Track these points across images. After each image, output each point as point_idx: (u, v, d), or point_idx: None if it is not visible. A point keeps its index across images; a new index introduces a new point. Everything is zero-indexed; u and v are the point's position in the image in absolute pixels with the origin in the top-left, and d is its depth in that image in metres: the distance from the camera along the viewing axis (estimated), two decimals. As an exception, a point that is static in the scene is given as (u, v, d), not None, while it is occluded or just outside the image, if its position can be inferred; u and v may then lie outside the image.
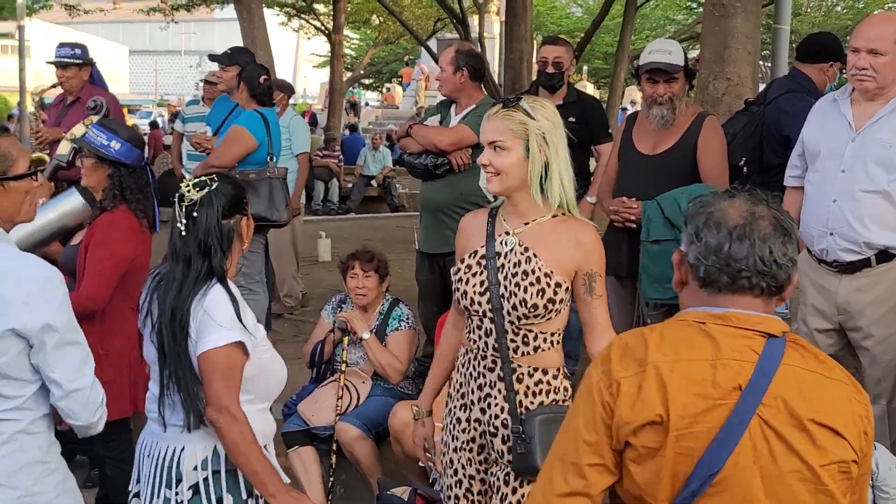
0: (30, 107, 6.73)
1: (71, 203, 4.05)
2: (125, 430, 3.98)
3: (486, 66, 5.01)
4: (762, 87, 6.47)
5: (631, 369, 1.79)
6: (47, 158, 5.68)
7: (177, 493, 2.63)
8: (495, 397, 2.74)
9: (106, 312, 3.79)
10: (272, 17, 19.00)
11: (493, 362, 2.74)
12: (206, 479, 2.62)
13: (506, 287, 2.68)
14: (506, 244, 2.73)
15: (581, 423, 1.82)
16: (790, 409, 1.72)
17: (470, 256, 2.78)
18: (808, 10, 27.43)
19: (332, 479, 4.32)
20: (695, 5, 25.10)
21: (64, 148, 4.88)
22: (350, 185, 16.87)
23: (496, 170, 2.67)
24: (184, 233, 2.62)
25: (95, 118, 4.76)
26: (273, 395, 2.81)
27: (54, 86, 6.30)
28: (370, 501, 4.29)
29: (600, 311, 2.76)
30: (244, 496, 2.66)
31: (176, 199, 2.65)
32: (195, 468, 2.63)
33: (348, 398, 4.34)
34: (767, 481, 1.72)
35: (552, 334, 2.73)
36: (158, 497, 2.66)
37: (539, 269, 2.67)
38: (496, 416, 2.74)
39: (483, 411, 2.77)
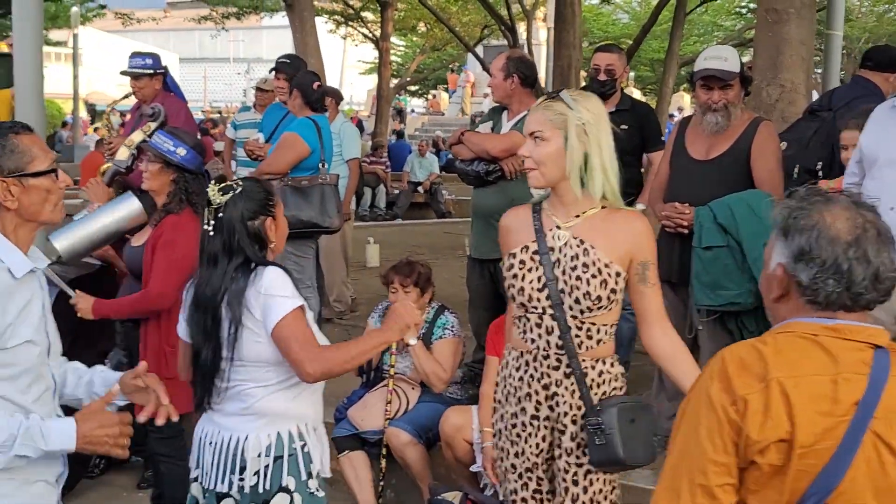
0: (104, 118, 6.82)
1: (128, 207, 4.16)
2: (179, 427, 4.05)
3: (536, 73, 5.00)
4: (813, 93, 6.41)
5: (754, 385, 1.73)
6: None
7: (241, 479, 2.75)
8: (563, 395, 2.72)
9: (172, 311, 3.88)
10: (320, 25, 19.17)
11: (558, 360, 2.71)
12: (267, 466, 2.75)
13: (565, 282, 2.66)
14: (558, 238, 2.70)
15: (707, 443, 1.76)
16: None
17: (522, 251, 2.73)
18: (860, 16, 27.02)
19: (381, 483, 4.34)
20: (744, 11, 24.85)
21: (123, 154, 4.98)
22: (397, 192, 16.94)
23: (535, 162, 2.68)
24: (211, 233, 2.78)
25: (154, 125, 4.85)
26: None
27: (126, 96, 6.40)
28: (420, 505, 4.32)
29: (655, 299, 2.77)
30: (304, 477, 2.78)
31: (205, 203, 2.81)
32: (259, 455, 2.75)
33: (398, 403, 4.36)
34: (880, 495, 1.70)
35: (612, 325, 2.77)
36: (223, 483, 2.78)
37: (598, 260, 2.67)
38: (565, 414, 2.73)
39: (551, 409, 2.75)
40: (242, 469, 2.76)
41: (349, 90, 51.33)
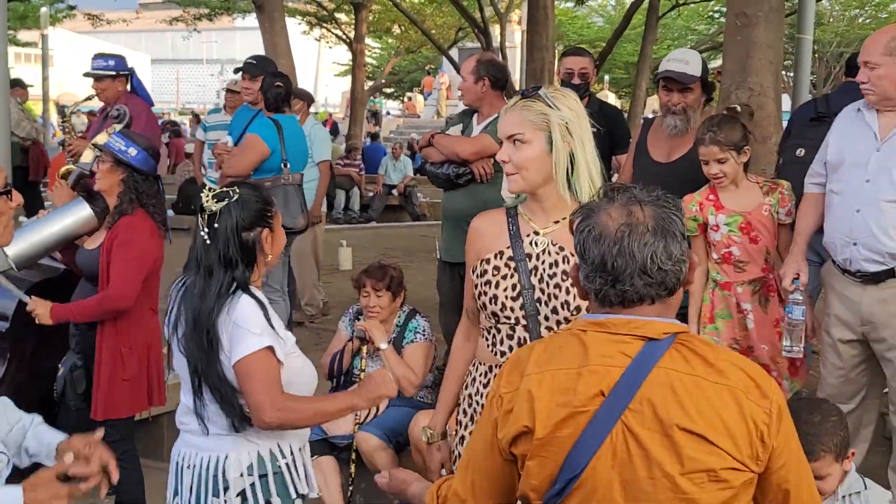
0: (56, 117, 6.76)
1: (79, 212, 4.12)
2: (129, 431, 4.07)
3: (507, 75, 5.00)
4: (784, 97, 6.44)
5: (514, 383, 1.80)
6: (76, 169, 5.72)
7: (225, 501, 2.66)
8: None
9: (129, 311, 3.91)
10: (294, 26, 19.08)
11: None
12: (252, 485, 2.66)
13: (542, 290, 2.51)
14: (536, 244, 2.55)
15: (478, 442, 1.89)
16: (657, 414, 1.68)
17: (495, 257, 2.56)
18: (831, 21, 27.27)
19: (351, 488, 4.30)
20: (717, 15, 25.01)
21: (88, 156, 4.92)
22: (371, 194, 16.91)
23: (515, 167, 2.48)
24: (207, 242, 2.65)
25: (119, 127, 4.79)
26: None
27: (88, 98, 6.33)
28: (390, 511, 4.29)
29: None
30: (293, 496, 2.72)
31: (198, 210, 2.69)
32: (241, 475, 2.65)
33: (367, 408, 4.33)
34: (627, 486, 1.70)
35: None
36: None
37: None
38: None
39: None
40: (226, 489, 2.65)
41: (324, 92, 51.22)
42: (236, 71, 6.48)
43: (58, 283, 4.37)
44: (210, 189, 2.73)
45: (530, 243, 2.54)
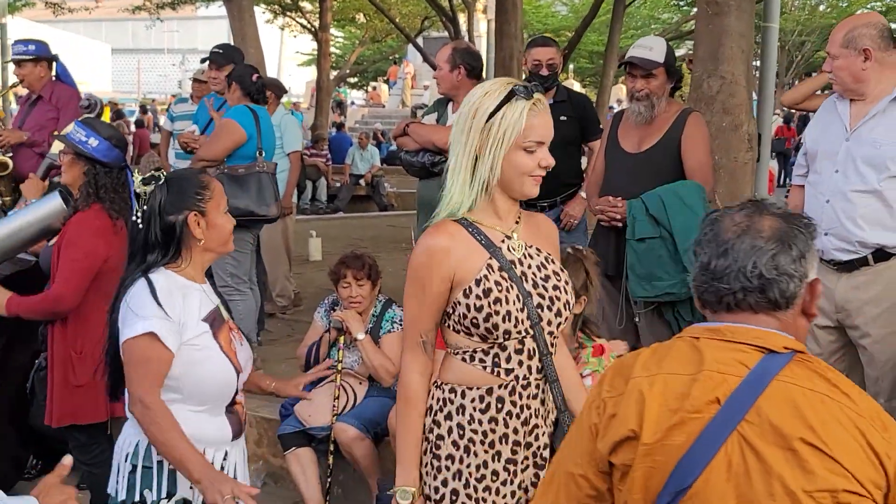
0: None
1: (51, 205, 4.01)
2: (100, 435, 3.92)
3: (482, 64, 4.99)
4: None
5: (619, 388, 1.75)
6: (10, 162, 5.62)
7: (117, 482, 2.72)
8: (541, 426, 2.45)
9: (79, 314, 3.73)
10: (258, 15, 18.94)
11: (537, 387, 2.42)
12: (131, 472, 2.67)
13: (542, 295, 2.40)
14: (513, 250, 2.41)
15: (569, 452, 1.83)
16: (776, 427, 1.60)
17: (489, 271, 2.35)
18: (793, 10, 27.57)
19: (329, 479, 4.29)
20: (683, 4, 25.16)
21: (56, 147, 4.83)
22: (338, 185, 16.83)
23: (544, 170, 2.37)
24: (140, 225, 2.69)
25: (87, 116, 4.71)
26: (212, 399, 2.72)
27: (14, 85, 6.21)
28: (368, 502, 4.27)
29: None
30: (162, 495, 2.65)
31: (118, 199, 2.74)
32: (123, 459, 2.71)
33: (345, 398, 4.31)
34: (742, 502, 1.61)
35: None
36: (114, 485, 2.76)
37: (557, 268, 2.50)
38: (546, 446, 2.47)
39: (529, 446, 2.43)
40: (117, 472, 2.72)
41: (287, 82, 50.84)
42: (203, 60, 6.41)
43: (29, 276, 4.29)
44: (140, 173, 2.73)
45: (508, 249, 2.41)
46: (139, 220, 2.68)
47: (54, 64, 5.97)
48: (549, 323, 2.41)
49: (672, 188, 4.08)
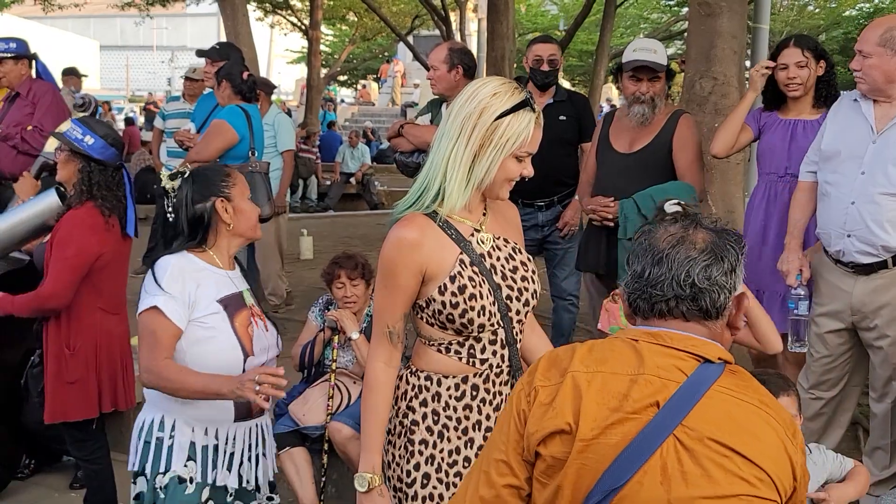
0: None
1: (47, 202, 4.01)
2: (91, 430, 3.96)
3: (476, 63, 5.01)
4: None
5: (553, 379, 1.76)
6: None
7: (132, 457, 2.92)
8: None
9: (72, 311, 3.75)
10: (249, 13, 18.90)
11: (508, 374, 2.50)
12: (138, 448, 2.88)
13: (511, 287, 2.44)
14: (482, 243, 2.44)
15: (497, 437, 1.82)
16: (713, 433, 1.64)
17: (461, 266, 2.38)
18: (782, 10, 27.62)
19: (324, 479, 4.29)
20: (673, 4, 25.19)
21: (51, 145, 4.82)
22: (328, 183, 16.81)
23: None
24: (171, 219, 2.90)
25: (82, 115, 4.70)
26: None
27: None
28: (362, 501, 4.28)
29: None
30: (161, 468, 2.82)
31: (163, 192, 2.95)
32: (139, 436, 2.89)
33: (339, 398, 4.31)
34: None
35: None
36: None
37: (525, 257, 2.54)
38: None
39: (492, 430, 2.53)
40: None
41: (277, 80, 50.78)
42: (198, 53, 6.40)
43: (23, 275, 4.28)
44: (165, 170, 2.83)
45: (477, 242, 2.43)
46: (169, 213, 2.89)
47: (34, 62, 5.97)
48: (518, 313, 2.46)
49: (663, 188, 4.11)
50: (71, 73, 10.89)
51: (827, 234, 3.80)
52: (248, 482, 2.97)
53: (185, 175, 2.90)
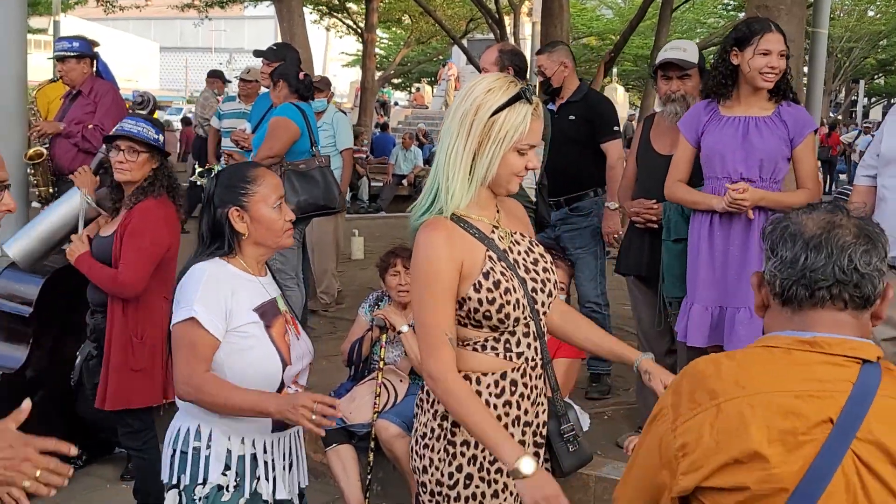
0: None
1: (74, 203, 4.14)
2: (149, 421, 4.05)
3: (527, 66, 5.01)
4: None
5: (704, 404, 1.64)
6: (44, 151, 5.74)
7: (165, 467, 2.80)
8: (542, 404, 2.53)
9: (141, 300, 3.86)
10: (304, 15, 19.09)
11: (542, 368, 2.50)
12: (169, 457, 2.76)
13: (535, 279, 2.46)
14: (502, 239, 2.46)
15: (643, 460, 1.73)
16: (883, 444, 1.56)
17: (490, 262, 2.39)
18: (842, 15, 27.19)
19: (369, 476, 4.32)
20: (730, 7, 24.91)
21: (109, 143, 4.92)
22: (381, 184, 16.91)
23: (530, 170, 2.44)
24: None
25: (142, 113, 4.80)
26: (254, 388, 2.69)
27: (52, 81, 6.30)
28: (408, 499, 4.29)
29: None
30: (199, 480, 2.70)
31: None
32: (168, 445, 2.78)
33: (386, 396, 4.33)
34: None
35: None
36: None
37: (542, 249, 2.56)
38: (543, 424, 2.53)
39: (528, 425, 2.50)
40: None
41: (332, 82, 51.19)
42: (256, 54, 6.48)
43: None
44: (197, 166, 2.83)
45: (498, 239, 2.45)
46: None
47: (96, 61, 6.09)
48: (543, 304, 2.47)
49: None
50: (216, 76, 11.13)
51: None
52: (288, 491, 2.86)
53: (213, 175, 2.80)
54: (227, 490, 2.71)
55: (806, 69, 6.62)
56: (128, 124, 3.88)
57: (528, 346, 2.45)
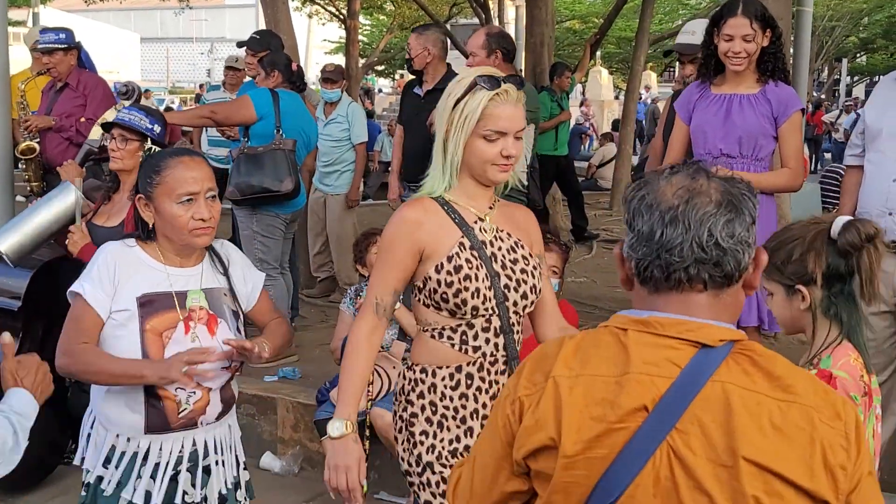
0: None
1: (66, 197, 4.10)
2: None
3: (515, 48, 4.98)
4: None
5: (537, 383, 1.54)
6: (37, 146, 5.68)
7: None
8: None
9: None
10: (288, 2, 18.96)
11: (504, 364, 2.52)
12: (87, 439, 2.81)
13: (509, 277, 2.48)
14: (485, 231, 2.50)
15: (487, 446, 1.63)
16: (710, 438, 1.42)
17: (461, 249, 2.45)
18: (825, -6, 27.19)
19: (366, 465, 4.30)
20: (712, -12, 24.86)
21: (96, 133, 4.87)
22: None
23: (515, 160, 2.46)
24: None
25: (127, 103, 4.75)
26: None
27: (40, 73, 6.24)
28: (405, 487, 4.28)
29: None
30: (95, 462, 2.73)
31: None
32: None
33: (379, 384, 4.32)
34: None
35: None
36: None
37: (527, 253, 2.57)
38: None
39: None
40: None
41: (315, 70, 50.98)
42: (239, 45, 6.43)
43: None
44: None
45: (480, 230, 2.50)
46: None
47: (79, 52, 6.03)
48: (515, 304, 2.50)
49: None
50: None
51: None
52: (189, 495, 2.74)
53: (143, 159, 2.83)
54: (108, 483, 2.67)
55: (791, 49, 6.59)
56: (121, 113, 3.91)
57: (487, 341, 2.48)
